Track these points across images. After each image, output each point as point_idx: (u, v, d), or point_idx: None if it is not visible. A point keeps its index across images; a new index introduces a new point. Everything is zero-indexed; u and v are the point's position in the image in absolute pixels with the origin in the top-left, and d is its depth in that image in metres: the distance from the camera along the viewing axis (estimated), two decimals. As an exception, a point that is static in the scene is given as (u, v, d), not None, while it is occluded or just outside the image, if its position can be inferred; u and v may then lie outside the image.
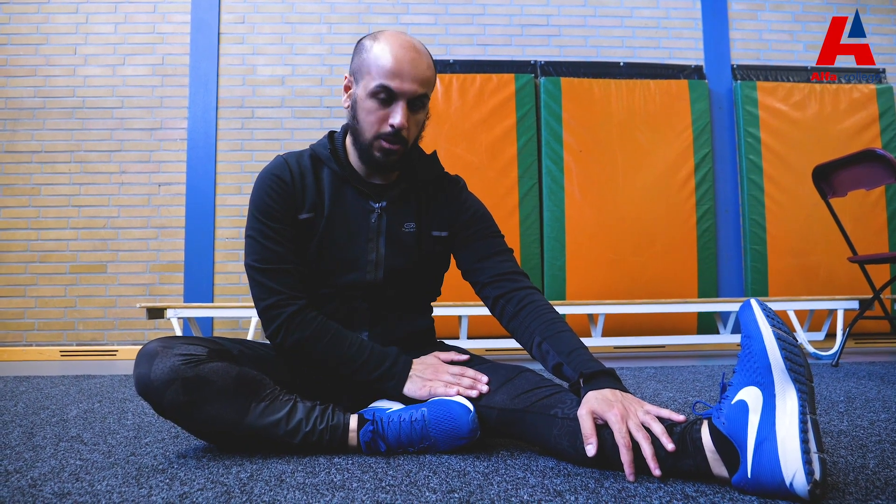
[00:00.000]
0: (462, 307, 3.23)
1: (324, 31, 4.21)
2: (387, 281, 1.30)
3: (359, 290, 1.30)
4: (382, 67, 1.18)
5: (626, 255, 4.01)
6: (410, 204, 1.34)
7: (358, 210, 1.30)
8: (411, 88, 1.19)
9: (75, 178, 4.03)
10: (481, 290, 1.34)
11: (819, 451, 0.81)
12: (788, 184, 4.11)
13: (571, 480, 0.95)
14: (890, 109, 4.22)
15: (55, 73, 4.09)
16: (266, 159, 3.81)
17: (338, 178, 1.31)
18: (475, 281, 1.35)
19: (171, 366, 1.06)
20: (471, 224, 1.36)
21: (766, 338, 0.87)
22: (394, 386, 1.22)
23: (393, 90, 1.18)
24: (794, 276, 4.08)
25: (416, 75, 1.19)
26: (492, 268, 1.32)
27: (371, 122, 1.22)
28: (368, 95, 1.20)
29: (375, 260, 1.29)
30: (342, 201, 1.30)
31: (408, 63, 1.18)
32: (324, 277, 1.29)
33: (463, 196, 1.39)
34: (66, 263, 3.99)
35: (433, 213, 1.36)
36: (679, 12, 4.36)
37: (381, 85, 1.18)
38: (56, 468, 1.07)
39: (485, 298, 1.33)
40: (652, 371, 2.62)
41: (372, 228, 1.30)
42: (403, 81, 1.18)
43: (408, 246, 1.32)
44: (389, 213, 1.31)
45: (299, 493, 0.90)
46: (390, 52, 1.18)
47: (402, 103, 1.19)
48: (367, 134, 1.23)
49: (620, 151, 4.08)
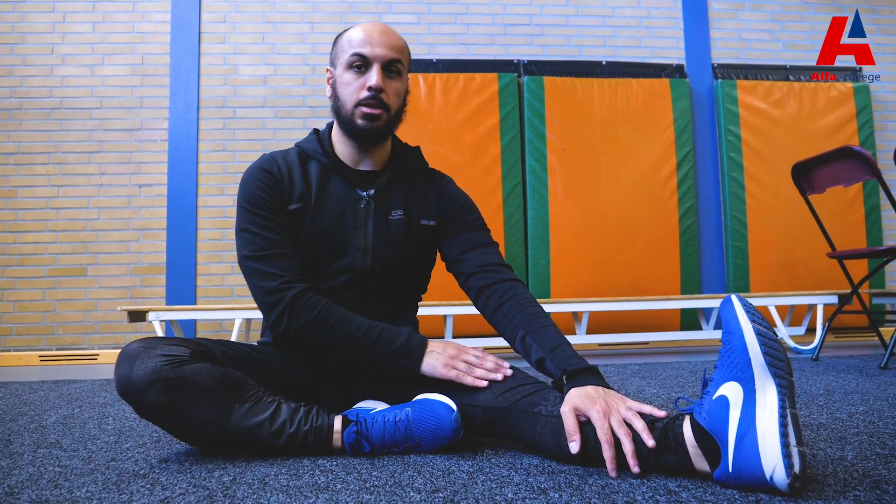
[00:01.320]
0: (447, 306, 3.23)
1: (306, 31, 4.19)
2: (375, 268, 1.31)
3: (346, 276, 1.29)
4: (355, 40, 1.27)
5: (610, 253, 4.04)
6: (398, 193, 1.35)
7: (346, 198, 1.31)
8: (383, 52, 1.26)
9: (53, 179, 3.98)
10: (465, 280, 1.33)
11: (799, 445, 0.82)
12: (769, 181, 4.15)
13: (556, 478, 0.95)
14: (867, 107, 4.29)
15: (32, 74, 4.02)
16: (248, 160, 3.78)
17: (325, 169, 1.33)
18: (460, 272, 1.35)
19: (153, 366, 1.05)
20: (458, 215, 1.38)
21: (747, 333, 0.88)
22: (412, 362, 1.19)
23: (366, 56, 1.25)
24: (774, 272, 4.12)
25: (387, 42, 1.27)
26: (477, 259, 1.33)
27: (350, 93, 1.27)
28: (345, 69, 1.27)
29: (364, 247, 1.30)
30: (329, 190, 1.31)
31: (378, 33, 1.27)
32: (313, 267, 1.29)
33: (451, 188, 1.43)
34: (44, 267, 3.93)
35: (422, 203, 1.37)
36: (660, 12, 4.39)
37: (355, 53, 1.25)
38: (34, 475, 1.05)
39: (468, 290, 1.33)
40: (636, 367, 2.64)
41: (360, 215, 1.31)
42: (374, 47, 1.25)
43: (396, 233, 1.33)
44: (377, 200, 1.33)
45: (283, 495, 0.89)
46: (361, 28, 1.28)
47: (376, 66, 1.25)
48: (348, 105, 1.27)
49: (603, 150, 4.10)
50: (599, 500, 0.84)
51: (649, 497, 0.84)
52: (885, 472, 0.94)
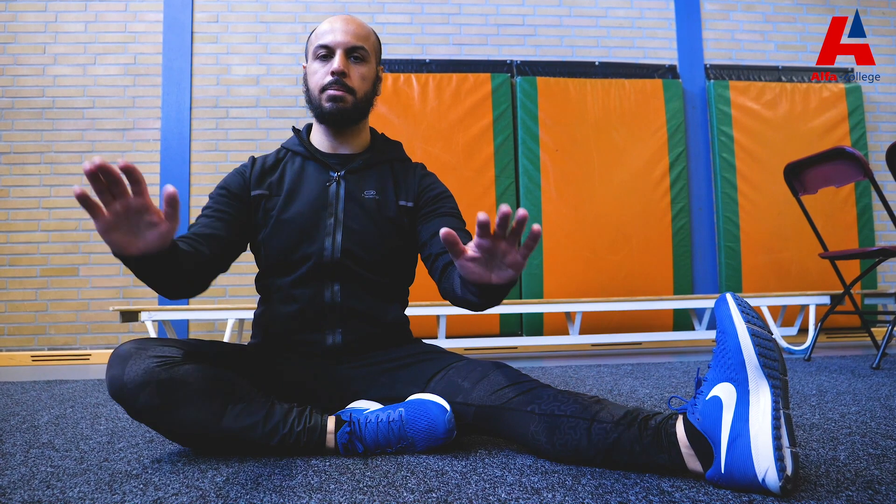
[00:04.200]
0: (440, 307, 3.23)
1: (299, 31, 4.18)
2: (345, 244, 1.30)
3: (313, 260, 1.29)
4: (319, 32, 1.34)
5: (603, 253, 4.04)
6: (373, 175, 1.39)
7: (318, 181, 1.36)
8: (345, 40, 1.31)
9: (45, 179, 3.95)
10: (434, 261, 1.30)
11: (791, 446, 0.82)
12: (761, 182, 4.17)
13: (549, 478, 0.95)
14: (858, 108, 4.31)
15: (24, 73, 4.00)
16: (241, 159, 3.77)
17: (303, 159, 1.39)
18: (429, 253, 1.32)
19: (146, 368, 1.04)
20: (436, 201, 1.40)
21: (741, 333, 0.88)
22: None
23: (329, 45, 1.31)
24: (767, 273, 4.14)
25: (349, 30, 1.33)
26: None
27: (317, 80, 1.33)
28: (312, 59, 1.34)
29: (333, 224, 1.32)
30: (303, 178, 1.37)
31: (340, 22, 1.34)
32: (290, 252, 1.31)
33: (432, 177, 1.46)
34: (36, 267, 3.91)
35: (400, 185, 1.40)
36: (653, 12, 4.40)
37: (319, 45, 1.32)
38: (26, 475, 1.04)
39: (435, 269, 1.29)
40: (629, 368, 2.65)
41: (331, 196, 1.34)
42: (336, 35, 1.32)
43: (367, 210, 1.34)
44: (349, 181, 1.36)
45: (276, 495, 0.89)
46: (327, 21, 1.36)
47: (339, 52, 1.31)
48: (315, 91, 1.34)
49: (596, 150, 4.11)
50: (593, 500, 0.84)
51: (642, 497, 0.84)
52: (878, 473, 0.95)
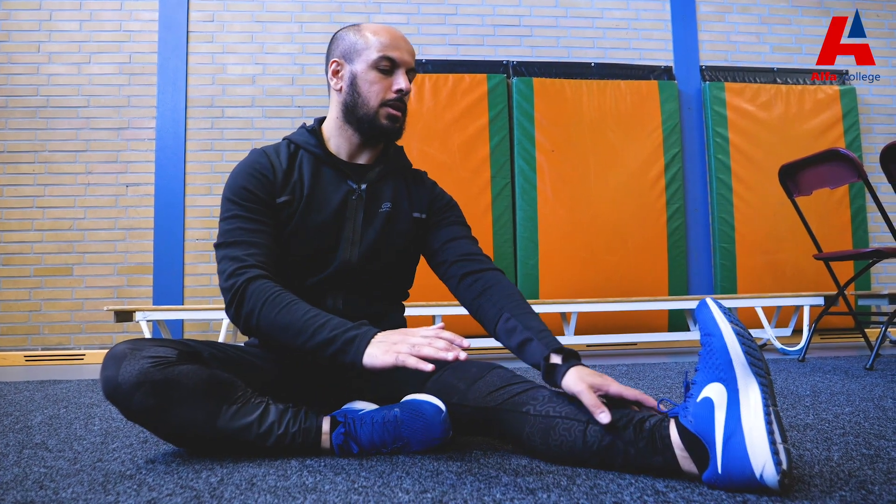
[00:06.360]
0: (436, 307, 3.23)
1: (295, 31, 4.18)
2: (362, 260, 1.31)
3: (334, 267, 1.29)
4: (382, 42, 1.29)
5: (599, 253, 4.05)
6: (387, 187, 1.37)
7: (338, 190, 1.32)
8: (408, 60, 1.31)
9: (40, 178, 3.94)
10: (448, 268, 1.34)
11: (784, 442, 0.83)
12: (756, 183, 4.18)
13: (544, 478, 0.95)
14: (853, 110, 4.33)
15: (18, 72, 3.98)
16: (236, 159, 3.76)
17: (317, 161, 1.34)
18: (443, 260, 1.36)
19: (140, 368, 1.04)
20: (445, 210, 1.42)
21: (726, 333, 0.89)
22: (353, 355, 1.05)
23: (395, 59, 1.29)
24: (762, 274, 4.15)
25: (410, 50, 1.33)
26: (459, 248, 1.36)
27: (376, 92, 1.29)
28: (370, 67, 1.29)
29: (353, 238, 1.31)
30: (322, 183, 1.32)
31: (402, 39, 1.32)
32: (302, 262, 1.29)
33: (438, 188, 1.47)
34: (30, 266, 3.89)
35: (413, 197, 1.40)
36: (649, 14, 4.41)
37: (384, 56, 1.28)
38: (19, 476, 1.04)
39: (450, 277, 1.34)
40: (624, 368, 2.65)
41: (351, 207, 1.32)
42: (402, 53, 1.30)
43: (382, 223, 1.34)
44: (368, 193, 1.34)
45: (271, 496, 0.89)
46: (385, 30, 1.31)
47: (402, 70, 1.30)
48: (371, 102, 1.29)
49: (592, 151, 4.11)
50: (588, 501, 0.84)
51: (637, 497, 0.84)
52: (871, 473, 0.95)
